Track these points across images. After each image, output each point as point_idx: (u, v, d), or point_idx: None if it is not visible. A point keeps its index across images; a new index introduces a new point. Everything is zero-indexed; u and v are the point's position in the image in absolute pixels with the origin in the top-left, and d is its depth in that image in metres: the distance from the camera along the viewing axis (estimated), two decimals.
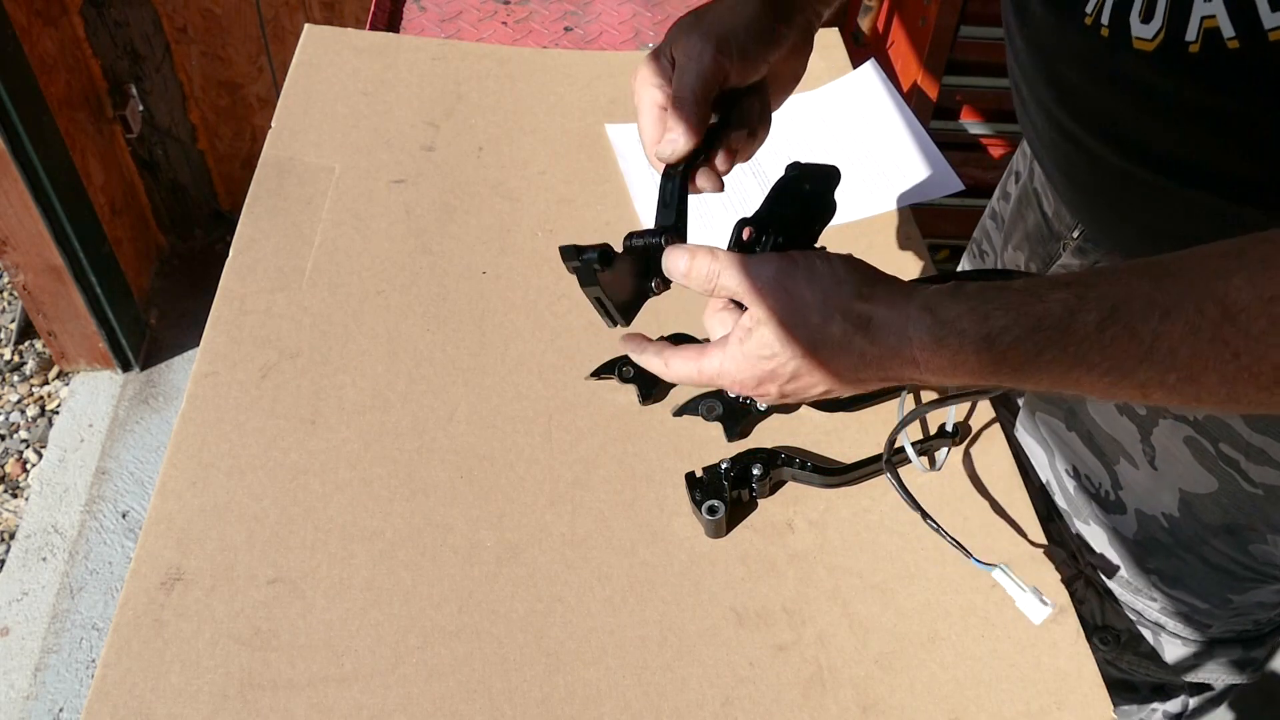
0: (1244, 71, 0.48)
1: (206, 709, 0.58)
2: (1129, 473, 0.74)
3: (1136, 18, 0.52)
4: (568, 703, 0.60)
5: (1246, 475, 0.66)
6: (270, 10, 1.85)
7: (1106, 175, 0.61)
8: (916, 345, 0.49)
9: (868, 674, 0.61)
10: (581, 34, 1.14)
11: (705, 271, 0.57)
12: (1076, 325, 0.45)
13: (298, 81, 0.98)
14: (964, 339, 0.48)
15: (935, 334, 0.49)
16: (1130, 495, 0.74)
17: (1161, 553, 0.74)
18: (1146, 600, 0.78)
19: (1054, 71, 0.61)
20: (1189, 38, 0.49)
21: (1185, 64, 0.50)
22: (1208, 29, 0.48)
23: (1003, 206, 0.90)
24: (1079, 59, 0.58)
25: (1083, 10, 0.55)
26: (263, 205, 0.86)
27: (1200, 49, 0.48)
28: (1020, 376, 0.48)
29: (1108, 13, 0.53)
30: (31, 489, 1.80)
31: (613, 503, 0.69)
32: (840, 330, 0.52)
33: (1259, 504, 0.67)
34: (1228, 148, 0.52)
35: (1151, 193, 0.58)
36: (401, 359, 0.76)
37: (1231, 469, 0.66)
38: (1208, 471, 0.68)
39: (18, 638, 1.62)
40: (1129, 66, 0.53)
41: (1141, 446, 0.71)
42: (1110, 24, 0.53)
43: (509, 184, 0.91)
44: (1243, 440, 0.65)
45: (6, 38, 1.53)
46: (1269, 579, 0.72)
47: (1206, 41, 0.48)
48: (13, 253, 1.73)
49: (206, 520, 0.66)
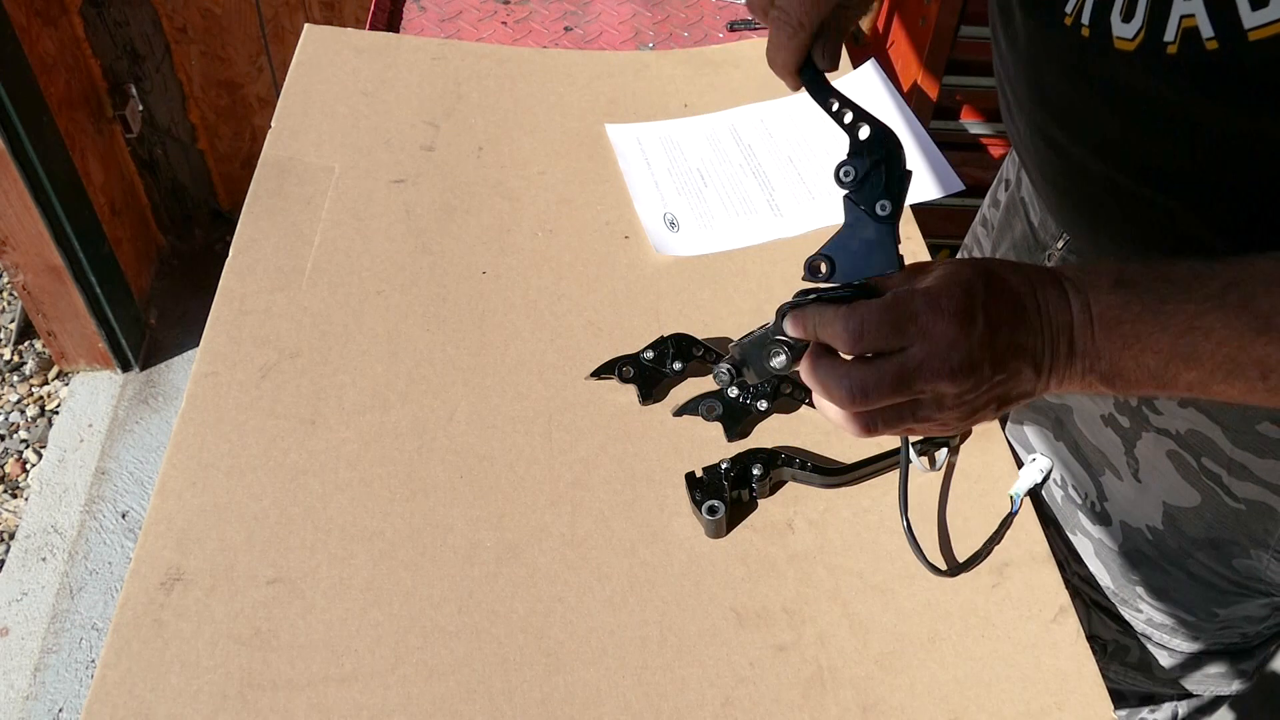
0: (1221, 73, 0.47)
1: (206, 709, 0.58)
2: (1114, 484, 0.73)
3: (1118, 17, 0.51)
4: (568, 703, 0.60)
5: (1229, 490, 0.65)
6: (270, 10, 1.85)
7: (1088, 181, 0.60)
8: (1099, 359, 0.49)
9: (868, 674, 0.61)
10: (581, 34, 1.14)
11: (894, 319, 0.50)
12: (1197, 287, 0.45)
13: (298, 81, 0.98)
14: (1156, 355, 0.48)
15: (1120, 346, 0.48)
16: (1115, 507, 0.74)
17: (1146, 565, 0.74)
18: (1133, 611, 0.78)
19: (1035, 74, 0.60)
20: (1168, 38, 0.48)
21: (1164, 65, 0.49)
22: (1186, 29, 0.47)
23: (992, 214, 0.89)
24: (1059, 61, 0.57)
25: (1062, 10, 0.54)
26: (262, 205, 0.86)
27: (1179, 50, 0.48)
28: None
29: (1088, 12, 0.53)
30: (31, 489, 1.80)
31: (613, 503, 0.69)
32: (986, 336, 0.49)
33: (1241, 519, 0.66)
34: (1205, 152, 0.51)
35: (1131, 201, 0.58)
36: (401, 359, 0.76)
37: (1214, 483, 0.66)
38: (1190, 485, 0.67)
39: (17, 638, 1.61)
40: (1109, 67, 0.52)
41: (1126, 459, 0.71)
42: (1091, 24, 0.53)
43: (509, 184, 0.91)
44: (1224, 455, 0.64)
45: (6, 38, 1.53)
46: (1253, 593, 0.71)
47: (1185, 42, 0.47)
48: (12, 253, 1.73)
49: (206, 520, 0.66)
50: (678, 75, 1.03)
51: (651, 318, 0.80)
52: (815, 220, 0.89)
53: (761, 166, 0.94)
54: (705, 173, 0.93)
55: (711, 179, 0.93)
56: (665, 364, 0.75)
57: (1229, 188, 0.52)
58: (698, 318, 0.80)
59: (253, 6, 1.84)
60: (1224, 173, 0.52)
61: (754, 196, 0.91)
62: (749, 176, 0.93)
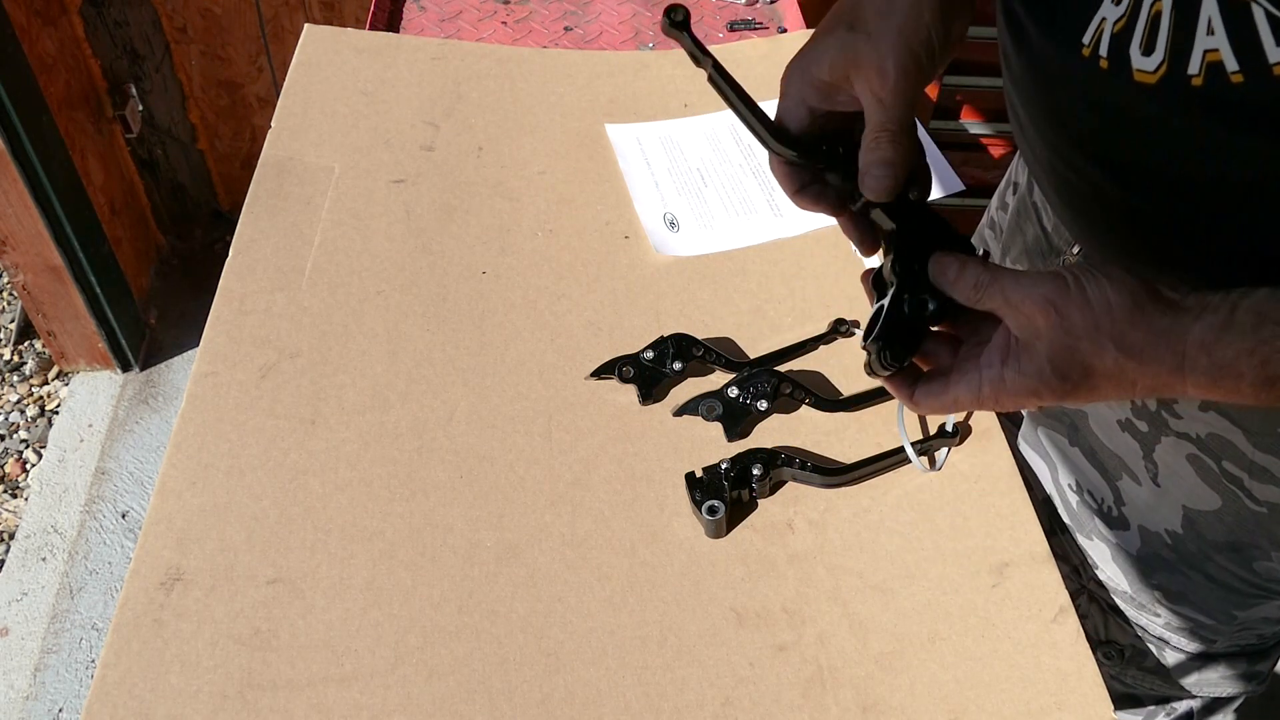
0: (1246, 106, 0.47)
1: (206, 709, 0.58)
2: (1132, 489, 0.73)
3: (1137, 50, 0.51)
4: (568, 703, 0.60)
5: (1250, 493, 0.65)
6: (270, 10, 1.85)
7: (1107, 205, 0.60)
8: (1191, 383, 0.49)
9: (868, 674, 0.61)
10: (581, 34, 1.14)
11: (974, 280, 0.55)
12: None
13: (297, 81, 0.98)
14: (1241, 381, 0.48)
15: (1212, 375, 0.48)
16: (1133, 511, 0.74)
17: (1165, 569, 0.74)
18: (1150, 616, 0.78)
19: (1052, 99, 0.60)
20: (1192, 71, 0.48)
21: (1187, 98, 0.49)
22: (1211, 62, 0.47)
23: (1001, 217, 0.89)
24: (1078, 89, 0.57)
25: (1080, 40, 0.54)
26: (262, 205, 0.86)
27: (1204, 82, 0.48)
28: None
29: (1106, 44, 0.53)
30: (31, 489, 1.80)
31: (613, 503, 0.69)
32: (1113, 361, 0.50)
33: (1263, 522, 0.66)
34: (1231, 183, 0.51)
35: (1150, 225, 0.58)
36: (401, 359, 0.76)
37: (1235, 487, 0.66)
38: (1211, 489, 0.67)
39: (17, 638, 1.61)
40: (1130, 99, 0.52)
41: (1144, 463, 0.71)
42: (1109, 55, 0.52)
43: (509, 184, 0.91)
44: (1246, 458, 0.64)
45: (6, 38, 1.53)
46: (1273, 595, 0.71)
47: (1210, 75, 0.47)
48: (12, 253, 1.73)
49: (206, 520, 0.66)
50: (678, 75, 1.03)
51: (651, 318, 0.80)
52: (815, 220, 0.88)
53: (761, 166, 0.94)
54: (705, 173, 0.93)
55: (711, 179, 0.93)
56: (665, 364, 0.75)
57: (1252, 218, 0.52)
58: (698, 318, 0.80)
59: (253, 6, 1.84)
60: (1247, 203, 0.52)
61: (754, 196, 0.91)
62: (749, 176, 0.93)
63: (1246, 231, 0.53)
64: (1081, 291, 0.51)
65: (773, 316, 0.81)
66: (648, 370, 0.75)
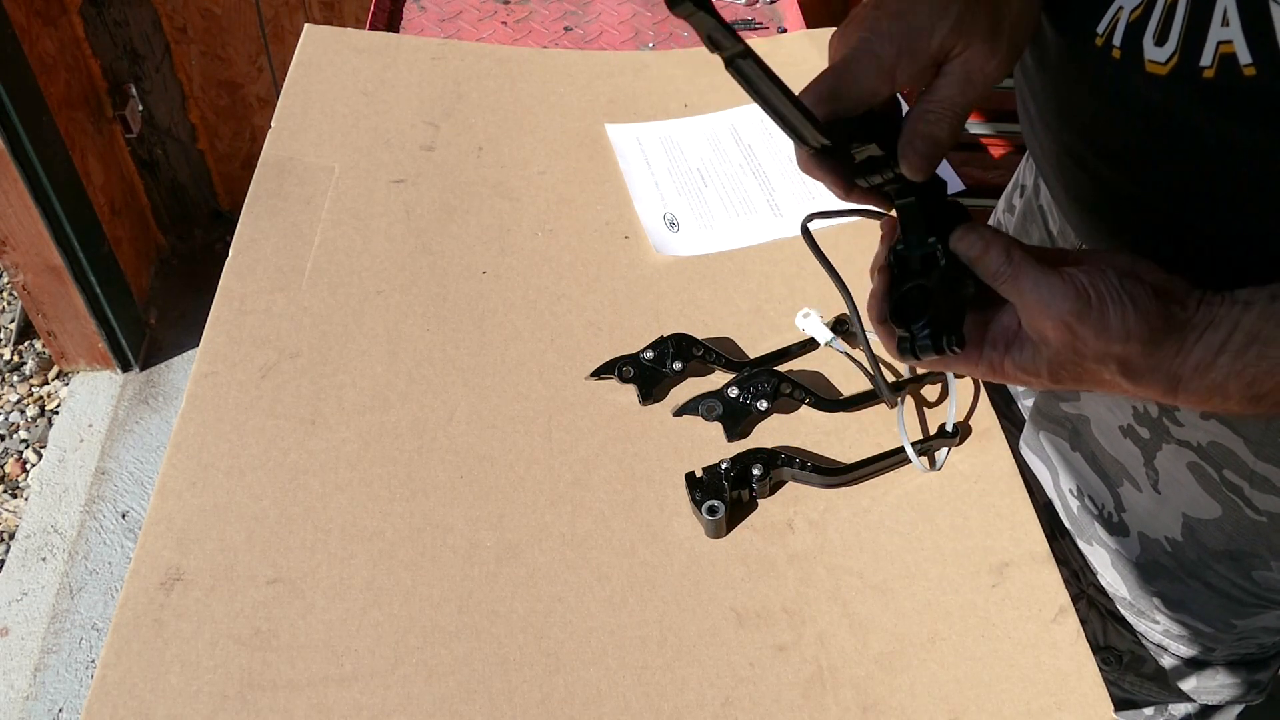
0: (1258, 99, 0.47)
1: (206, 709, 0.58)
2: (1132, 495, 0.73)
3: (1150, 40, 0.51)
4: (568, 703, 0.60)
5: (1250, 502, 0.65)
6: (270, 10, 1.85)
7: (1114, 199, 0.60)
8: (1182, 400, 0.50)
9: (868, 674, 0.61)
10: (581, 34, 1.14)
11: (994, 269, 0.53)
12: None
13: (297, 81, 0.98)
14: (1229, 400, 0.48)
15: (1202, 395, 0.49)
16: (1133, 518, 0.74)
17: (1164, 576, 0.74)
18: (1149, 622, 0.78)
19: (1062, 92, 0.60)
20: (1204, 62, 0.48)
21: (1199, 89, 0.49)
22: (1224, 54, 0.47)
23: (1007, 219, 0.89)
24: (1089, 80, 0.57)
25: (1093, 31, 0.54)
26: (262, 205, 0.86)
27: (1216, 74, 0.48)
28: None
29: (1120, 34, 0.52)
30: (31, 489, 1.80)
31: (613, 503, 0.69)
32: (1111, 377, 0.51)
33: (1263, 531, 0.66)
34: (1240, 177, 0.52)
35: (1159, 220, 0.58)
36: (401, 359, 0.76)
37: (1235, 495, 0.66)
38: (1211, 497, 0.67)
39: (17, 638, 1.61)
40: (1141, 90, 0.52)
41: (1145, 470, 0.71)
42: (1122, 45, 0.52)
43: (509, 184, 0.91)
44: (1246, 468, 0.64)
45: (6, 38, 1.53)
46: (1273, 604, 0.71)
47: (1222, 67, 0.47)
48: (12, 253, 1.73)
49: (206, 520, 0.66)
50: (678, 75, 1.03)
51: (651, 318, 0.80)
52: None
53: (761, 166, 0.94)
54: (705, 173, 0.93)
55: (712, 179, 0.93)
56: (665, 364, 0.75)
57: (1262, 211, 0.52)
58: (698, 318, 0.80)
59: (253, 6, 1.84)
60: (1257, 196, 0.52)
61: (754, 196, 0.91)
62: (749, 176, 0.93)
63: (1253, 226, 0.53)
64: (1103, 316, 0.49)
65: (773, 316, 0.81)
66: (648, 370, 0.75)
